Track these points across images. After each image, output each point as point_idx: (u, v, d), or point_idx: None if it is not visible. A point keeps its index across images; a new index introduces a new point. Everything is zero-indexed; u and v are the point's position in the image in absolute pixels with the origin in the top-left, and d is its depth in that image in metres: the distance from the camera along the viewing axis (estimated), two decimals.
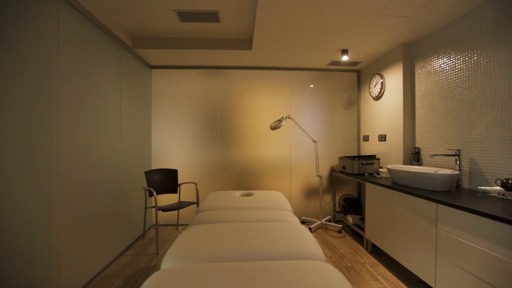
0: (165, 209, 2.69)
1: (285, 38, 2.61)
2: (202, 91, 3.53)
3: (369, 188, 2.55)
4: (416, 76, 2.60)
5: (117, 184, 2.51)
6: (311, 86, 3.63)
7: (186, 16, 2.40)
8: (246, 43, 2.94)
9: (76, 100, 1.91)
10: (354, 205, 3.38)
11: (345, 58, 2.91)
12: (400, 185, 2.17)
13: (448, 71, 2.22)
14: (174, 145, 3.50)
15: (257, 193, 2.33)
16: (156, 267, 2.31)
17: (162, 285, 0.86)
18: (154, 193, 2.61)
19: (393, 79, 2.82)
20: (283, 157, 3.58)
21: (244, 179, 3.56)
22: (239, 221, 1.57)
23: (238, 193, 2.36)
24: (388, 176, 2.69)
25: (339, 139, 3.67)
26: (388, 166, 2.39)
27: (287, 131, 3.58)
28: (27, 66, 1.48)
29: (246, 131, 3.56)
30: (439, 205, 1.67)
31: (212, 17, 2.43)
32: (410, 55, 2.66)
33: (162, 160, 3.49)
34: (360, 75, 3.60)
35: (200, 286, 0.86)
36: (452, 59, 2.17)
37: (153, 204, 3.38)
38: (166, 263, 1.05)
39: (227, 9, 2.31)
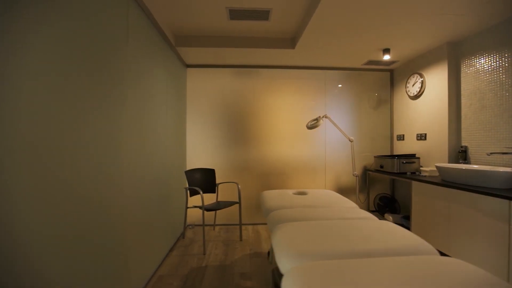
0: (210, 209, 2.66)
1: (332, 38, 2.60)
2: (235, 90, 3.51)
3: (417, 186, 2.55)
4: (462, 75, 2.61)
5: (162, 183, 2.48)
6: (340, 85, 3.63)
7: (237, 13, 2.39)
8: (288, 42, 2.93)
9: (137, 100, 1.88)
10: (389, 204, 3.38)
11: (386, 57, 2.92)
12: (453, 183, 2.18)
13: (501, 70, 2.23)
14: (204, 144, 3.48)
15: (310, 192, 2.31)
16: (209, 267, 2.28)
17: (310, 282, 0.85)
18: (201, 192, 2.59)
19: (435, 78, 2.83)
20: (316, 156, 3.58)
21: (276, 178, 3.54)
22: (322, 219, 1.55)
23: (290, 191, 2.34)
24: (433, 174, 2.69)
25: (368, 138, 3.67)
26: (438, 164, 2.40)
27: (321, 131, 3.58)
28: (104, 62, 1.45)
29: (279, 130, 3.54)
30: None
31: (263, 15, 2.41)
32: (455, 53, 2.67)
33: (194, 159, 3.46)
34: (393, 75, 3.62)
35: (348, 282, 0.84)
36: (507, 57, 2.18)
37: (194, 204, 3.34)
38: (287, 262, 1.03)
39: (280, 7, 2.30)
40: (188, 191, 2.85)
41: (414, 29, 2.41)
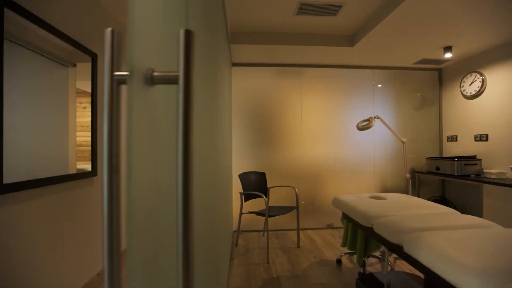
0: (272, 214, 2.52)
1: (397, 36, 2.48)
2: (275, 90, 3.38)
3: (489, 190, 2.44)
4: None
5: (223, 187, 2.33)
6: (379, 86, 3.53)
7: (307, 8, 2.26)
8: (345, 39, 2.81)
9: (207, 100, 1.74)
10: None
11: (448, 55, 2.82)
12: None
13: None
14: (245, 146, 3.34)
15: (387, 196, 2.19)
16: (282, 278, 2.14)
17: None
18: (264, 197, 2.45)
19: (498, 77, 2.74)
20: (364, 158, 3.46)
21: (320, 180, 3.41)
22: (445, 228, 1.43)
23: (365, 195, 2.22)
24: (501, 177, 2.57)
25: (412, 139, 3.56)
26: None
27: (370, 132, 3.46)
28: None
29: (323, 131, 3.42)
30: None
31: (333, 10, 2.29)
32: None
33: (236, 162, 3.31)
34: (442, 74, 3.52)
35: None
36: None
37: (249, 209, 3.19)
38: (480, 282, 0.90)
39: (352, 3, 2.18)
40: (243, 196, 2.70)
41: (480, 25, 2.30)
